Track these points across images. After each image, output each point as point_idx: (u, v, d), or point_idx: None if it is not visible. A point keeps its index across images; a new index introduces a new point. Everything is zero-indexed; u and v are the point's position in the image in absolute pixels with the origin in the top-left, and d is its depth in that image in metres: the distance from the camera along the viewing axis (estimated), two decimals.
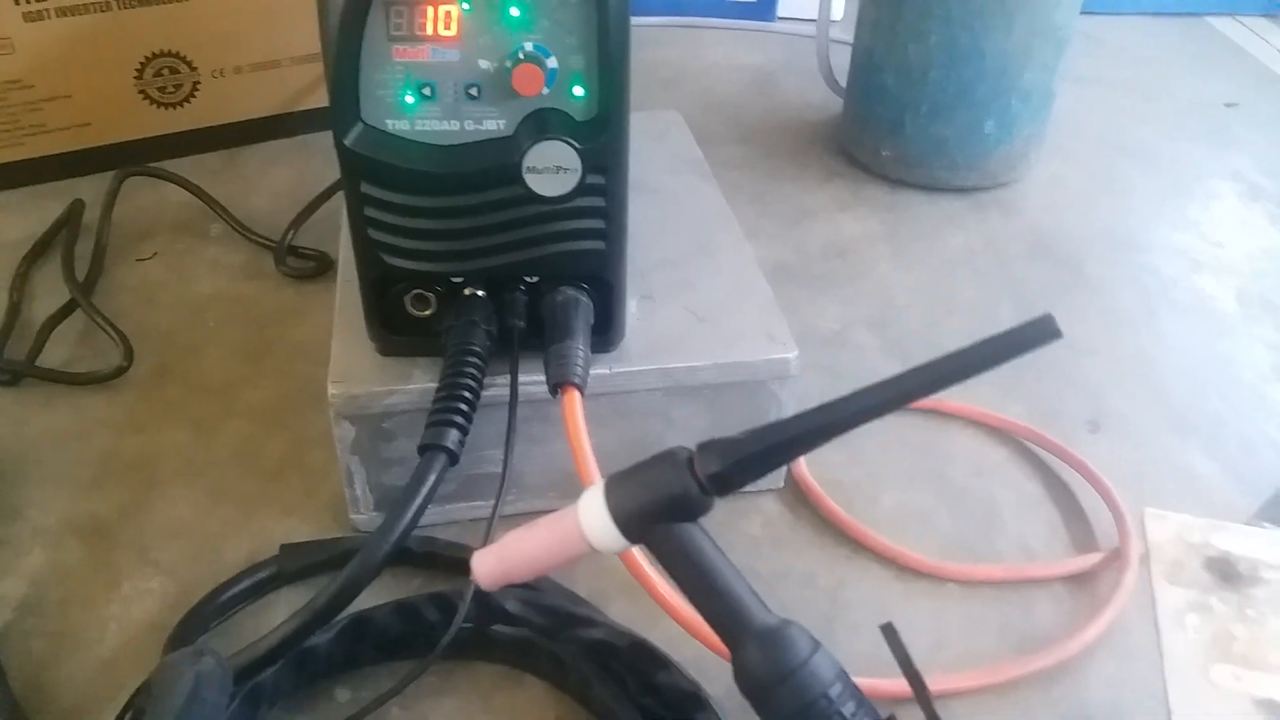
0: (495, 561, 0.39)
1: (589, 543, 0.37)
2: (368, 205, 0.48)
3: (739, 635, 0.35)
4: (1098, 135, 1.00)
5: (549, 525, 0.38)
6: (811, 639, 0.35)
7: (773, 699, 0.34)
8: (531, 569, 0.39)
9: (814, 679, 0.34)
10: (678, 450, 0.37)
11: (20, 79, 0.84)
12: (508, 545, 0.39)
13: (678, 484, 0.36)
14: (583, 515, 0.37)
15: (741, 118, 1.00)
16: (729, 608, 0.36)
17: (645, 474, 0.37)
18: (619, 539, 0.37)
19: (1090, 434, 0.65)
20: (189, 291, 0.76)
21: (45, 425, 0.64)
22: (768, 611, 0.36)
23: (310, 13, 0.90)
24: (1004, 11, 0.78)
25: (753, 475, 0.36)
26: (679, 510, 0.36)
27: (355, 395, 0.52)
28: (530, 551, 0.39)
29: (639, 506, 0.36)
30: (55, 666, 0.50)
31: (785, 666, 0.34)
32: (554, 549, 0.38)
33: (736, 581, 0.36)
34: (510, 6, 0.44)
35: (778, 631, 0.35)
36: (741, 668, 0.35)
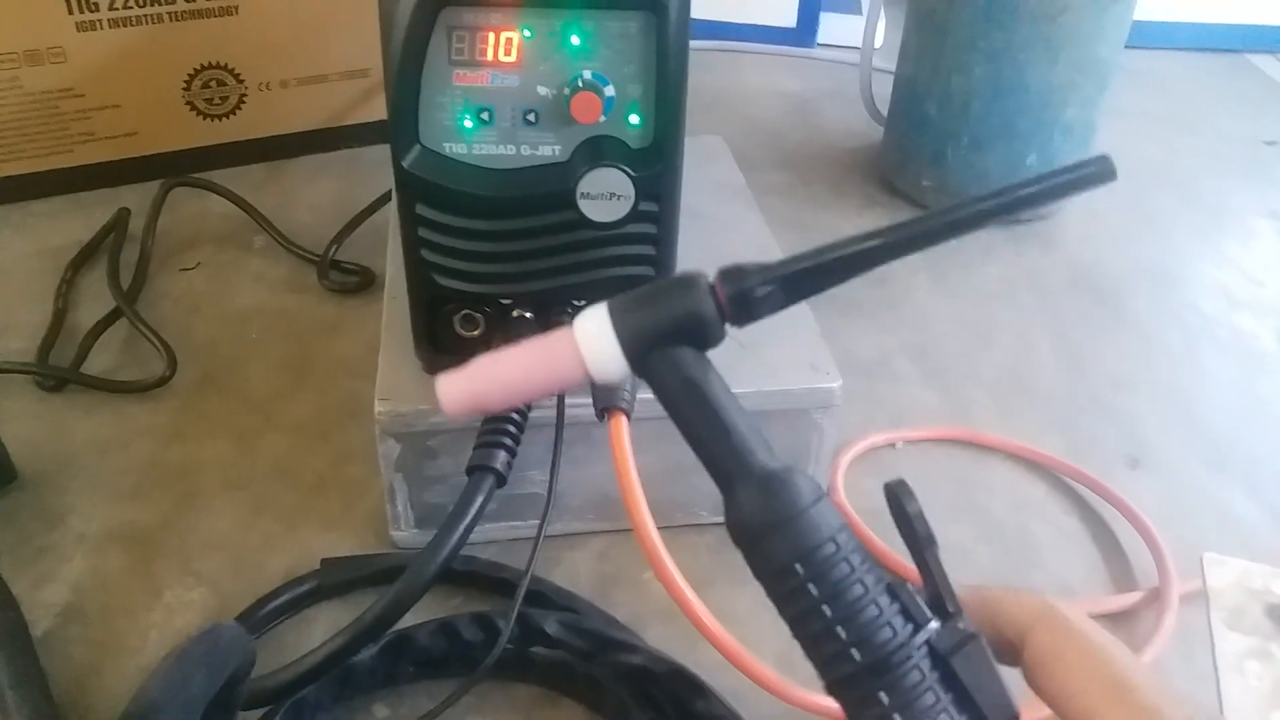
0: (465, 382, 0.33)
1: (584, 365, 0.33)
2: (422, 226, 0.48)
3: (737, 475, 0.32)
4: (1137, 170, 0.99)
5: (534, 345, 0.33)
6: (816, 486, 0.32)
7: (768, 545, 0.31)
8: (506, 393, 0.34)
9: (817, 526, 0.30)
10: (696, 273, 0.33)
11: (71, 87, 0.85)
12: (480, 365, 0.33)
13: (694, 303, 0.32)
14: (580, 332, 0.33)
15: (781, 143, 1.01)
16: (730, 446, 0.32)
17: (657, 293, 0.33)
18: (619, 361, 0.33)
19: (1129, 470, 0.65)
20: (232, 303, 0.76)
21: (88, 432, 0.64)
22: (773, 455, 0.32)
23: (356, 29, 0.92)
24: (1049, 46, 0.78)
25: (777, 303, 0.33)
26: (692, 333, 0.33)
27: (402, 413, 0.52)
28: (507, 372, 0.33)
29: (649, 324, 0.33)
30: (96, 674, 0.50)
31: (786, 511, 0.31)
32: (537, 371, 0.33)
33: (742, 419, 0.33)
34: (571, 35, 0.44)
35: (781, 474, 0.31)
36: (736, 510, 0.32)
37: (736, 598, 0.55)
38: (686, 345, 0.33)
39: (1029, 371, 0.73)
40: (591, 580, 0.56)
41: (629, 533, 0.57)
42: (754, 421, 0.33)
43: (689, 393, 0.33)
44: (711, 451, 0.32)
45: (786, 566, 0.30)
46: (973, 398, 0.70)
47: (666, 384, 0.33)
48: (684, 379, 0.32)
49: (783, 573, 0.31)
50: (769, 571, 0.31)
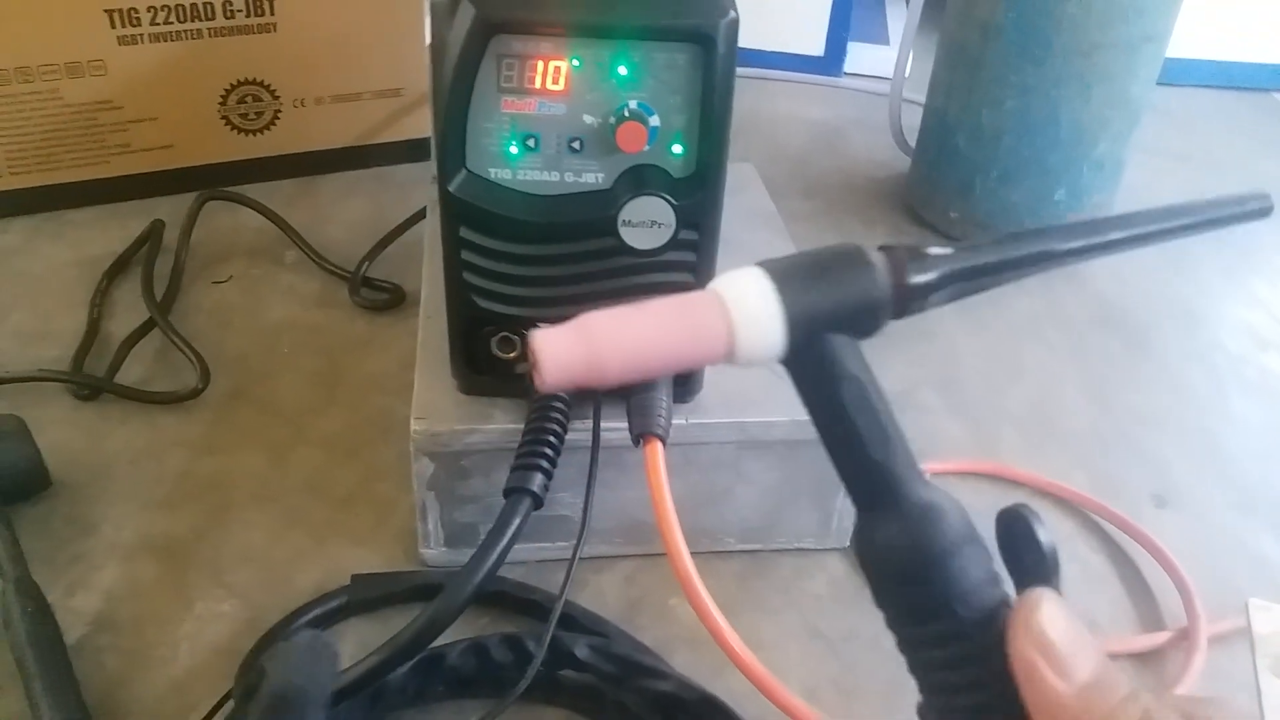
0: (579, 345, 0.26)
1: (732, 342, 0.27)
2: (465, 249, 0.49)
3: (889, 495, 0.28)
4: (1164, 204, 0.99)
5: (667, 307, 0.27)
6: (970, 521, 0.28)
7: (896, 589, 0.28)
8: (625, 365, 0.26)
9: (960, 578, 0.27)
10: (862, 247, 0.29)
11: (110, 100, 0.86)
12: (597, 324, 0.26)
13: (871, 285, 0.28)
14: (736, 301, 0.27)
15: (807, 171, 1.01)
16: (889, 460, 0.28)
17: (824, 265, 0.28)
18: (779, 343, 0.27)
19: (1156, 509, 0.65)
20: (263, 317, 0.77)
21: (121, 442, 0.65)
22: (923, 479, 0.29)
23: (390, 49, 0.93)
24: (1082, 83, 0.78)
25: (948, 297, 0.30)
26: (858, 320, 0.28)
27: (437, 432, 0.53)
28: (632, 338, 0.26)
29: (819, 304, 0.27)
30: (128, 684, 0.51)
31: (936, 553, 0.27)
32: (668, 342, 0.27)
33: (899, 430, 0.29)
34: (619, 65, 0.45)
35: (926, 509, 0.28)
36: (876, 541, 0.28)
37: (763, 626, 0.56)
38: (847, 333, 0.28)
39: (1056, 407, 0.73)
40: (618, 604, 0.56)
41: (656, 557, 0.58)
42: (903, 431, 0.29)
43: (852, 392, 0.28)
44: (865, 463, 0.28)
45: (921, 615, 0.28)
46: (1000, 432, 0.70)
47: (826, 378, 0.28)
48: (849, 375, 0.28)
49: (916, 619, 0.28)
50: (895, 613, 0.29)
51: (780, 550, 0.59)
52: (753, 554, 0.59)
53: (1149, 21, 0.77)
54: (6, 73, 0.82)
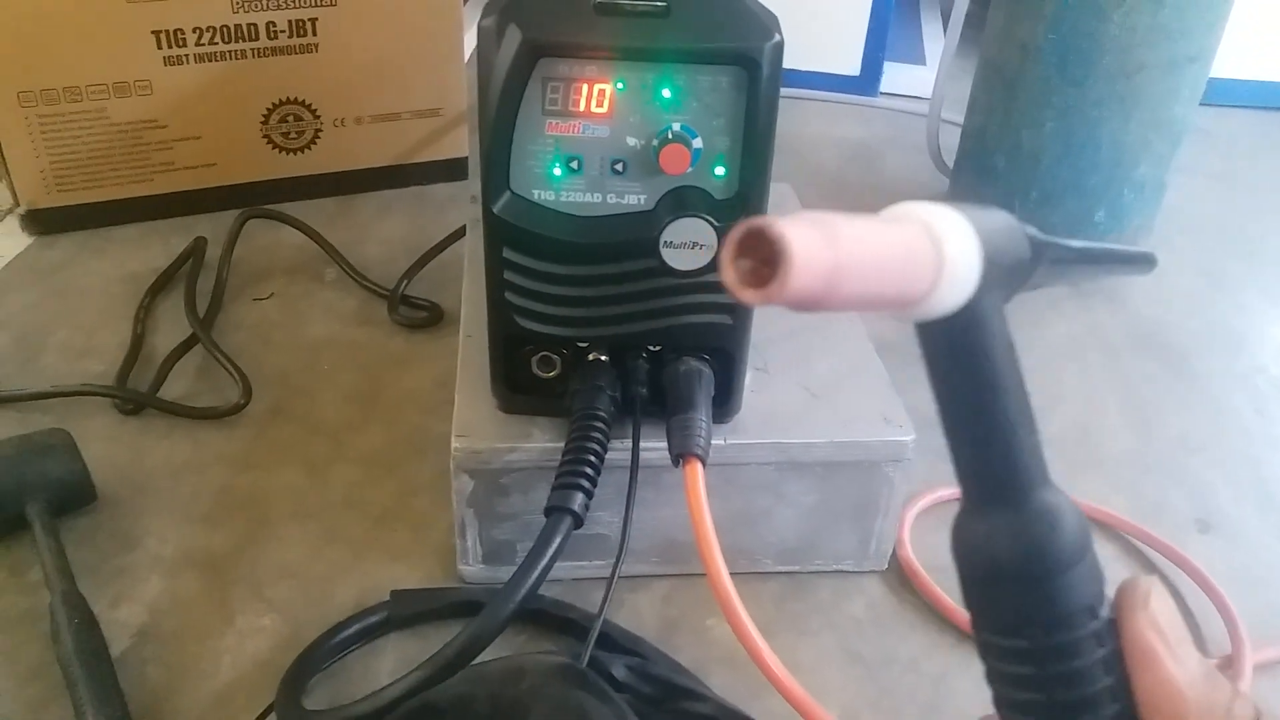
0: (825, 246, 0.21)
1: (935, 276, 0.24)
2: (507, 269, 0.49)
3: (1011, 490, 0.26)
4: (1205, 228, 0.99)
5: (885, 227, 0.24)
6: (1088, 537, 0.26)
7: (998, 594, 0.26)
8: (858, 283, 0.22)
9: (1071, 593, 0.26)
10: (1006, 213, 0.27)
11: (155, 119, 0.88)
12: (839, 226, 0.22)
13: (1021, 245, 0.26)
14: (946, 236, 0.24)
15: (844, 191, 1.01)
16: (1023, 447, 0.26)
17: (997, 219, 0.26)
18: (966, 288, 0.24)
19: (1199, 534, 0.64)
20: (304, 333, 0.78)
21: (164, 456, 0.66)
22: (1049, 478, 0.26)
23: (429, 70, 0.94)
24: (1123, 104, 0.78)
25: (1048, 277, 0.28)
26: (1013, 281, 0.26)
27: (478, 450, 0.53)
28: (868, 257, 0.23)
29: (1000, 253, 0.25)
30: (171, 696, 0.51)
31: (1040, 565, 0.25)
32: (894, 263, 0.23)
33: (1035, 426, 0.26)
34: (663, 88, 0.45)
35: (1051, 514, 0.26)
36: (974, 538, 0.26)
37: (801, 647, 0.55)
38: (1007, 295, 0.26)
39: (1096, 430, 0.73)
40: (655, 624, 0.56)
41: (692, 577, 0.58)
42: (1038, 425, 0.26)
43: (1008, 362, 0.26)
44: (1001, 447, 0.26)
45: (1018, 626, 0.26)
46: None
47: (988, 341, 0.25)
48: (1009, 342, 0.26)
49: (1014, 630, 0.26)
50: (990, 619, 0.27)
51: (819, 572, 0.59)
52: (791, 575, 0.59)
53: (1192, 42, 0.77)
54: (55, 92, 0.83)
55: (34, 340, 0.75)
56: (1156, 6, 0.75)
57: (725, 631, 0.54)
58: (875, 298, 0.23)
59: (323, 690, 0.51)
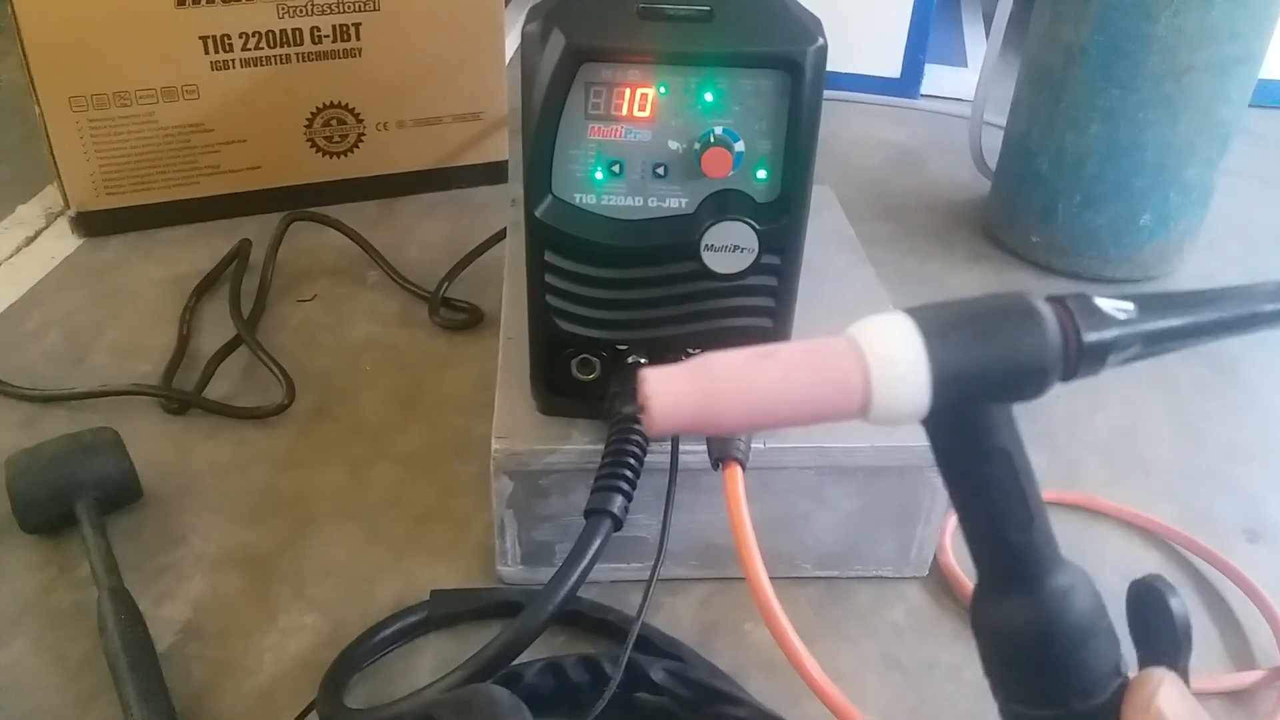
0: (691, 392, 0.23)
1: (867, 395, 0.24)
2: (549, 273, 0.49)
3: (1022, 576, 0.26)
4: (1252, 231, 0.97)
5: (798, 361, 0.24)
6: (1102, 610, 0.27)
7: (1017, 670, 0.27)
8: (739, 418, 0.24)
9: (1085, 667, 0.26)
10: (1033, 301, 0.25)
11: (202, 123, 0.89)
12: (713, 374, 0.24)
13: (1040, 348, 0.25)
14: (877, 355, 0.24)
15: (885, 194, 1.01)
16: (1027, 541, 0.26)
17: (987, 321, 0.25)
18: (921, 403, 0.24)
19: (1248, 543, 0.63)
20: (346, 335, 0.79)
21: (209, 456, 0.67)
22: (1059, 559, 0.27)
23: (470, 74, 0.95)
24: (1170, 106, 0.77)
25: (1129, 358, 0.26)
26: (1019, 387, 0.25)
27: (517, 452, 0.53)
28: (752, 386, 0.23)
29: (976, 367, 0.24)
30: (214, 693, 0.52)
31: (1074, 638, 0.26)
32: (794, 398, 0.23)
33: (1042, 508, 0.27)
34: (705, 92, 0.45)
35: (1060, 595, 0.26)
36: (991, 617, 0.27)
37: (840, 654, 0.55)
38: (1007, 400, 0.26)
39: (1141, 437, 0.72)
40: (693, 627, 0.56)
41: (730, 581, 0.58)
42: (1045, 511, 0.27)
43: (998, 469, 0.26)
44: (1001, 543, 0.27)
45: (1055, 695, 0.27)
46: (1083, 462, 0.69)
47: (971, 450, 0.26)
48: (996, 448, 0.26)
49: (1046, 700, 0.27)
50: (1024, 693, 0.27)
51: (858, 578, 0.59)
52: (830, 581, 0.59)
53: (1242, 43, 0.76)
54: (105, 97, 0.85)
55: (83, 340, 0.77)
56: (1205, 7, 0.74)
57: (763, 636, 0.54)
58: (783, 421, 0.24)
59: (363, 689, 0.52)
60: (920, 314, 0.25)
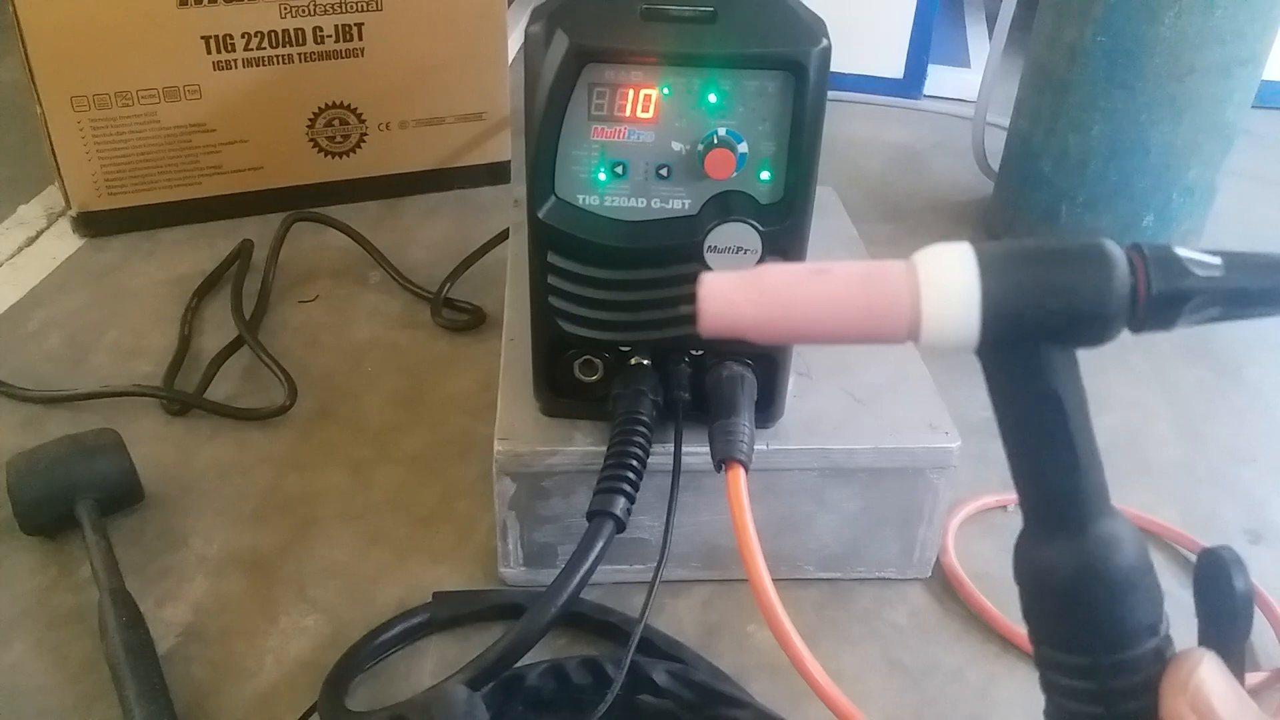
0: (749, 295, 0.25)
1: (916, 321, 0.24)
2: (552, 274, 0.49)
3: (1067, 521, 0.26)
4: (1256, 233, 0.97)
5: (855, 278, 0.24)
6: (1148, 562, 0.27)
7: (1081, 617, 0.26)
8: (792, 325, 0.25)
9: (1142, 607, 0.26)
10: (1108, 244, 0.25)
11: (204, 123, 0.89)
12: (773, 279, 0.25)
13: (1105, 294, 0.24)
14: (931, 278, 0.24)
15: (888, 195, 1.01)
16: (1073, 486, 0.26)
17: (1052, 261, 0.25)
18: (968, 333, 0.24)
19: (1250, 545, 0.63)
20: (349, 336, 0.79)
21: (210, 457, 0.67)
22: (1110, 506, 0.27)
23: (473, 74, 0.95)
24: (1173, 107, 0.77)
25: (1206, 316, 0.25)
26: (1079, 331, 0.25)
27: (520, 453, 0.53)
28: (807, 300, 0.24)
29: (1031, 303, 0.24)
30: (215, 694, 0.52)
31: (1118, 585, 0.26)
32: (846, 309, 0.24)
33: (1094, 457, 0.26)
34: (709, 93, 0.45)
35: (1107, 542, 0.26)
36: (1049, 559, 0.27)
37: (843, 655, 0.55)
38: (1066, 344, 0.25)
39: (1143, 439, 0.71)
40: (695, 629, 0.56)
41: (733, 583, 0.58)
42: (1099, 456, 0.27)
43: (1045, 409, 0.26)
44: (1047, 484, 0.27)
45: (1086, 645, 0.27)
46: None
47: (1020, 387, 0.26)
48: (1045, 392, 0.25)
49: (1080, 648, 0.27)
50: (1060, 640, 0.27)
51: (861, 579, 0.59)
52: (832, 582, 0.59)
53: (1245, 44, 0.75)
54: (107, 97, 0.85)
55: (84, 341, 0.77)
56: (1209, 9, 0.74)
57: (766, 638, 0.54)
58: (832, 336, 0.25)
59: (365, 690, 0.52)
60: (986, 246, 0.25)
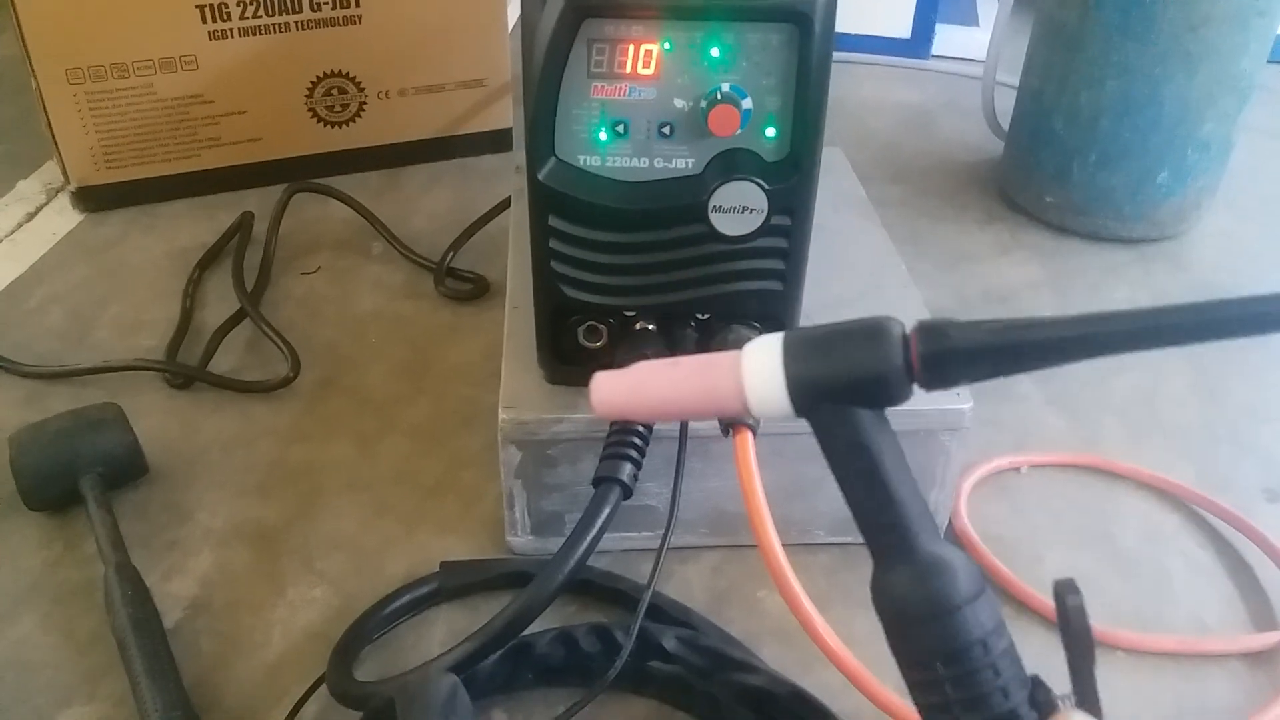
0: (622, 389, 0.32)
1: (744, 399, 0.31)
2: (553, 238, 0.48)
3: (894, 552, 0.30)
4: (1272, 188, 0.95)
5: (697, 367, 0.32)
6: (978, 579, 0.30)
7: (913, 632, 0.30)
8: (658, 409, 0.33)
9: (969, 626, 0.29)
10: (887, 322, 0.30)
11: (201, 94, 0.88)
12: (640, 374, 0.32)
13: (881, 361, 0.30)
14: (748, 365, 0.31)
15: (897, 156, 0.99)
16: (893, 520, 0.30)
17: (841, 340, 0.30)
18: (783, 406, 0.31)
19: (1268, 504, 0.62)
20: (351, 307, 0.78)
21: (215, 430, 0.66)
22: (936, 535, 0.31)
23: (473, 40, 0.93)
24: (1187, 60, 0.75)
25: (980, 374, 0.30)
26: (871, 393, 0.30)
27: (525, 421, 0.52)
28: (664, 388, 0.32)
29: (824, 376, 0.30)
30: (224, 667, 0.51)
31: (940, 605, 0.29)
32: (694, 394, 0.31)
33: (909, 492, 0.31)
34: (711, 47, 0.44)
35: (942, 563, 0.30)
36: (887, 587, 0.31)
37: (854, 620, 0.54)
38: (862, 404, 0.30)
39: (1161, 399, 0.70)
40: (705, 595, 0.56)
41: (742, 549, 0.57)
42: (919, 494, 0.31)
43: (855, 457, 0.31)
44: (871, 521, 0.31)
45: (927, 660, 0.30)
46: (1102, 423, 0.68)
47: (833, 441, 0.31)
48: (852, 443, 0.31)
49: (922, 663, 0.30)
50: (907, 656, 0.31)
51: None
52: (843, 547, 0.58)
53: None
54: (103, 69, 0.84)
55: (86, 316, 0.76)
56: None
57: (776, 603, 0.54)
58: (689, 414, 0.35)
59: (373, 661, 0.52)
60: (789, 335, 0.31)
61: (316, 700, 0.48)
